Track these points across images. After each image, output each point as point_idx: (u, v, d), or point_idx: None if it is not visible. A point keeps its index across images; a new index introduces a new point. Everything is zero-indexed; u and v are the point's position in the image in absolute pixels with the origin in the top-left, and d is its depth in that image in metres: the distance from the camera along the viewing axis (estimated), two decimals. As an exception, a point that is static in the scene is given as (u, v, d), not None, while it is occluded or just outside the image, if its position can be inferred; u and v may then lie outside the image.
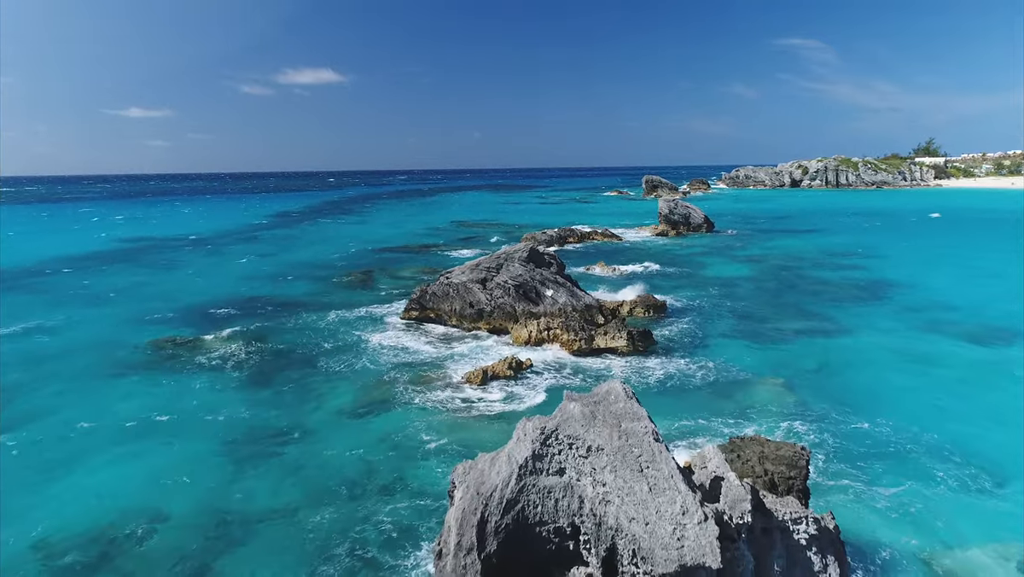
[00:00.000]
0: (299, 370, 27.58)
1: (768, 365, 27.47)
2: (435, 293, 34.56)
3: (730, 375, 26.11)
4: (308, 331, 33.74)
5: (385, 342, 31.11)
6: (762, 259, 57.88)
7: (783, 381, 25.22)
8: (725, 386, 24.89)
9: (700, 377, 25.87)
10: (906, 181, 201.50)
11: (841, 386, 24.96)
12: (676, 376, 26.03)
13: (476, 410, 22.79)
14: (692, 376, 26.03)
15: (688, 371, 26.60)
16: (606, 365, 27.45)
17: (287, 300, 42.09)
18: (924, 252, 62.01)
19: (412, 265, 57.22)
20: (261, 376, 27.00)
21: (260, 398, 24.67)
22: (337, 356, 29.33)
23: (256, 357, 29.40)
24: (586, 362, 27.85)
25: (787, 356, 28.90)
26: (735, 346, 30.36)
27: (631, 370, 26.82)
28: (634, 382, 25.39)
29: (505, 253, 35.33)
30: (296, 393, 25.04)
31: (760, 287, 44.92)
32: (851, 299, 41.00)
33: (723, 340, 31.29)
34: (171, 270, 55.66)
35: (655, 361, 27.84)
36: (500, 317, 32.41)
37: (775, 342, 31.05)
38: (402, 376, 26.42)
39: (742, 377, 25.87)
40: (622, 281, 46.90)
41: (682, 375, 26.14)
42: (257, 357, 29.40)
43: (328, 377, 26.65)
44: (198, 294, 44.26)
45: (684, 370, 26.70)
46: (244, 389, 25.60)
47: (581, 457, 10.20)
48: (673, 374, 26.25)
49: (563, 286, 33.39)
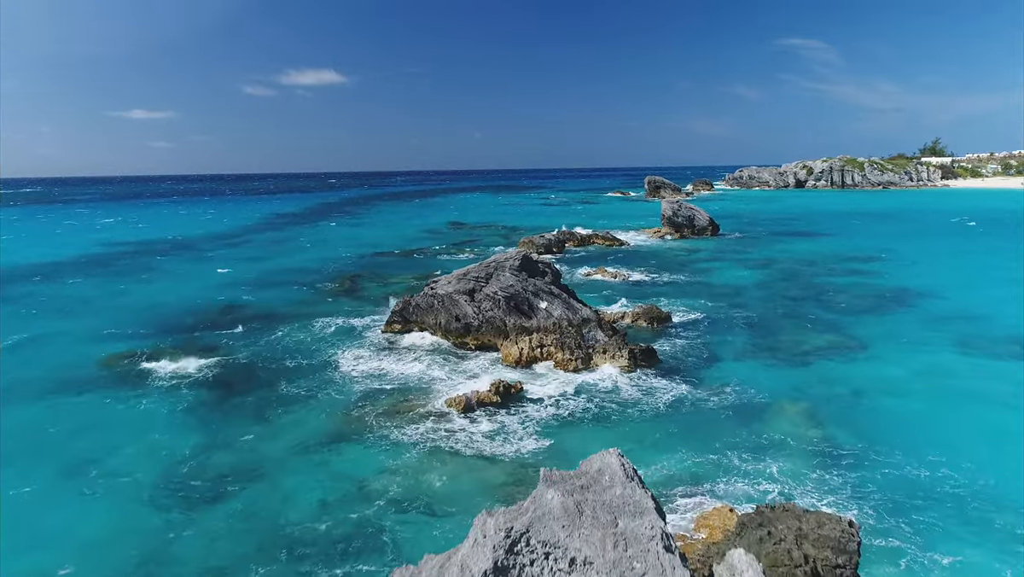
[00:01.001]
0: (262, 394, 24.65)
1: (787, 388, 24.48)
2: (419, 305, 31.63)
3: (745, 400, 23.13)
4: (279, 347, 30.83)
5: (361, 361, 28.17)
6: (771, 264, 54.85)
7: (805, 408, 22.23)
8: (740, 414, 21.91)
9: (711, 403, 22.89)
10: (913, 181, 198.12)
11: (872, 415, 21.97)
12: (684, 402, 23.06)
13: (455, 448, 19.84)
14: (702, 401, 23.05)
15: (697, 395, 23.61)
16: (605, 388, 24.45)
17: (264, 310, 39.19)
18: (942, 255, 58.91)
19: (402, 270, 54.33)
20: (218, 401, 24.08)
21: (213, 428, 21.76)
22: (307, 377, 26.40)
23: (216, 378, 26.48)
24: (583, 384, 24.87)
25: (807, 377, 25.91)
26: (748, 364, 27.38)
27: (633, 394, 23.84)
28: (636, 409, 22.43)
29: (495, 261, 32.38)
30: (255, 423, 22.12)
31: (771, 295, 41.91)
32: (870, 309, 37.98)
33: (735, 357, 28.30)
34: (149, 277, 52.81)
35: (660, 383, 24.85)
36: (489, 332, 29.46)
37: (792, 360, 28.06)
38: (375, 403, 23.48)
39: (759, 403, 22.88)
40: (623, 288, 43.93)
41: (691, 400, 23.16)
42: (217, 378, 26.49)
43: (293, 403, 23.72)
44: (170, 304, 41.38)
45: (693, 394, 23.72)
46: (196, 417, 22.68)
47: (562, 573, 7.25)
48: (680, 399, 23.27)
49: (558, 297, 30.44)
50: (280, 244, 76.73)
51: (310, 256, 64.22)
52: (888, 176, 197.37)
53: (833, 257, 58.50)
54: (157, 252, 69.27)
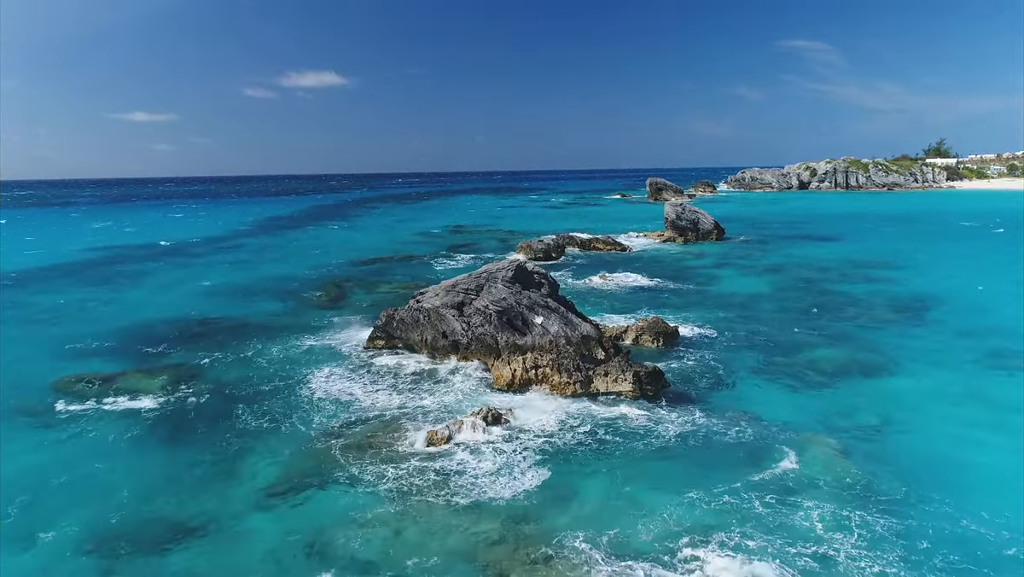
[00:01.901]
0: (222, 425, 22.05)
1: (812, 417, 21.86)
2: (403, 320, 29.05)
3: (764, 432, 20.51)
4: (250, 366, 28.25)
5: (337, 383, 25.56)
6: (781, 270, 52.24)
7: (836, 445, 19.59)
8: (759, 449, 19.29)
9: (726, 436, 20.26)
10: (918, 183, 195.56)
11: (909, 450, 19.36)
12: (695, 434, 20.43)
13: (435, 492, 17.23)
14: (715, 434, 20.42)
15: (710, 426, 20.98)
16: (606, 417, 21.83)
17: (241, 322, 36.63)
18: (959, 260, 56.29)
19: (394, 277, 51.80)
20: (172, 434, 21.48)
21: (160, 468, 19.19)
22: (274, 404, 23.80)
23: (175, 406, 23.89)
24: (582, 412, 22.27)
25: (831, 402, 23.29)
26: (765, 388, 24.77)
27: (637, 424, 21.22)
28: (641, 442, 19.82)
29: (487, 272, 29.78)
30: (209, 461, 19.53)
31: (784, 306, 39.30)
32: (890, 321, 35.37)
33: (750, 379, 25.68)
34: (127, 286, 50.25)
35: (668, 411, 22.23)
36: (479, 350, 26.86)
37: (813, 382, 25.44)
38: (347, 435, 20.88)
39: (780, 435, 20.27)
40: (626, 297, 41.35)
41: (703, 432, 20.53)
42: (176, 406, 23.89)
43: (254, 437, 21.12)
44: (143, 316, 38.84)
45: (705, 424, 21.09)
46: (144, 454, 20.10)
47: None
48: (691, 431, 20.64)
49: (555, 312, 27.84)
50: (270, 249, 74.25)
51: (299, 262, 61.70)
52: (893, 177, 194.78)
53: (845, 263, 55.88)
54: (141, 258, 66.76)
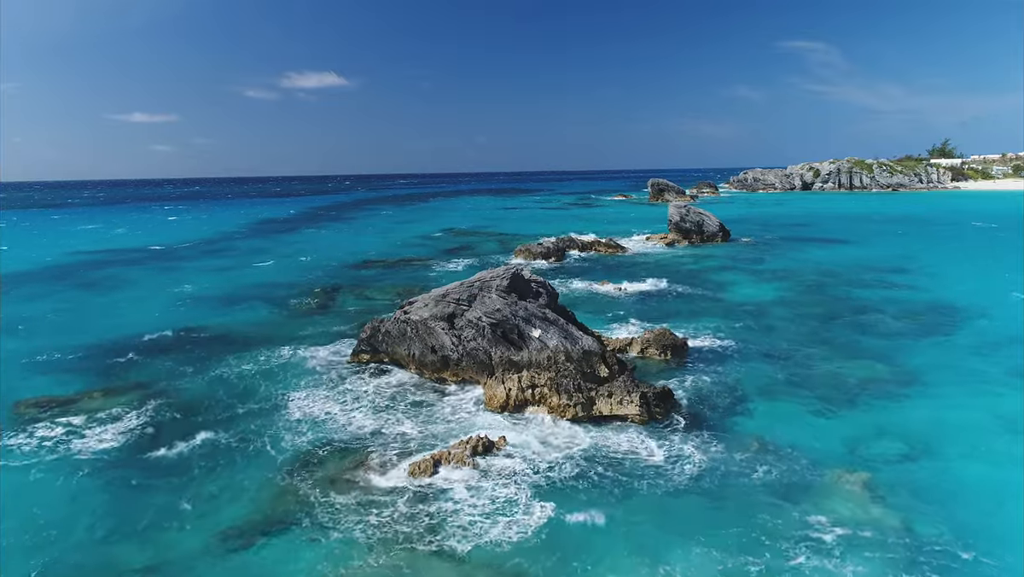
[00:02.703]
0: (186, 457, 19.86)
1: (837, 446, 19.66)
2: (389, 332, 26.87)
3: (789, 466, 18.31)
4: (224, 384, 26.07)
5: (315, 403, 23.38)
6: (791, 276, 50.00)
7: (867, 478, 17.40)
8: (785, 487, 17.10)
9: (746, 471, 18.07)
10: (923, 184, 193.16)
11: (953, 487, 17.16)
12: (711, 469, 18.22)
13: (415, 539, 15.04)
14: (734, 469, 18.22)
15: (727, 459, 18.78)
16: (610, 447, 19.63)
17: (220, 333, 34.46)
18: (975, 264, 54.01)
19: (387, 283, 49.60)
20: (131, 467, 19.30)
21: (116, 507, 17.02)
22: (246, 429, 21.63)
23: (136, 433, 21.69)
24: (584, 440, 20.08)
25: (859, 428, 21.07)
26: (786, 411, 22.55)
27: (645, 455, 19.04)
28: (650, 479, 17.64)
29: (480, 280, 27.59)
30: (169, 500, 17.33)
31: (797, 314, 37.08)
32: (911, 331, 33.16)
33: (768, 401, 23.46)
34: (104, 292, 48.10)
35: (679, 440, 20.03)
36: (470, 367, 24.67)
37: (837, 404, 23.22)
38: (323, 466, 18.70)
39: (806, 470, 18.06)
40: (629, 304, 39.15)
41: (720, 466, 18.33)
42: (138, 433, 21.70)
43: (221, 470, 18.93)
44: (115, 326, 36.66)
45: (721, 457, 18.89)
46: (97, 491, 17.92)
47: None
48: (706, 465, 18.42)
49: (554, 324, 25.65)
50: (261, 252, 72.03)
51: (289, 266, 59.53)
52: (898, 178, 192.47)
53: (856, 267, 53.65)
54: (125, 262, 64.56)
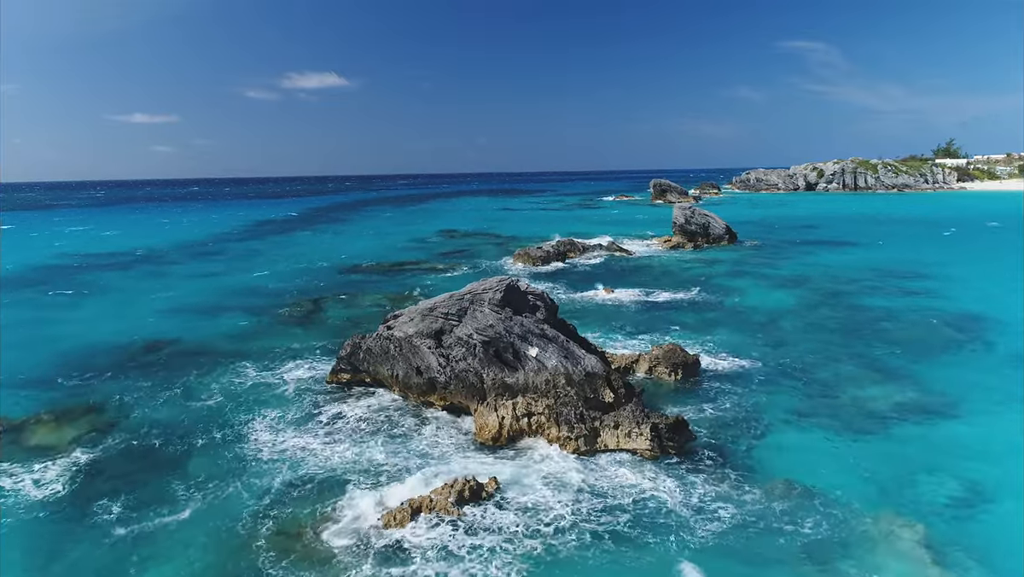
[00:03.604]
0: (131, 499, 17.27)
1: (881, 490, 17.07)
2: (371, 350, 24.31)
3: (826, 514, 15.72)
4: (187, 409, 23.52)
5: (285, 433, 20.81)
6: (803, 282, 47.42)
7: (922, 538, 14.79)
8: (825, 545, 14.51)
9: (778, 521, 15.48)
10: (928, 184, 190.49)
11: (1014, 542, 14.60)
12: (738, 519, 15.61)
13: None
14: (764, 518, 15.61)
15: (754, 505, 16.18)
16: (618, 491, 17.05)
17: (193, 347, 31.93)
18: (996, 269, 51.40)
19: (378, 290, 47.08)
20: (69, 513, 16.73)
21: (42, 562, 14.49)
22: (204, 463, 19.07)
23: (83, 469, 19.11)
24: (587, 480, 17.51)
25: (901, 467, 18.44)
26: (814, 444, 19.97)
27: (659, 503, 16.46)
28: (665, 535, 15.06)
29: (471, 292, 25.02)
30: (104, 556, 14.80)
31: (814, 325, 34.50)
32: (940, 346, 30.61)
33: (793, 430, 20.89)
34: (77, 301, 45.58)
35: (698, 482, 17.43)
36: (460, 391, 22.10)
37: (871, 433, 20.64)
38: (283, 513, 16.14)
39: (847, 520, 15.46)
40: (634, 314, 36.60)
41: (746, 515, 15.72)
42: (84, 469, 19.12)
43: (168, 517, 16.34)
44: (82, 339, 34.14)
45: (748, 503, 16.29)
46: (24, 544, 15.38)
47: None
48: (732, 514, 15.80)
49: (553, 341, 23.09)
50: (250, 256, 69.53)
51: (278, 271, 57.00)
52: (903, 178, 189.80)
53: (872, 272, 51.06)
54: (106, 267, 62.02)
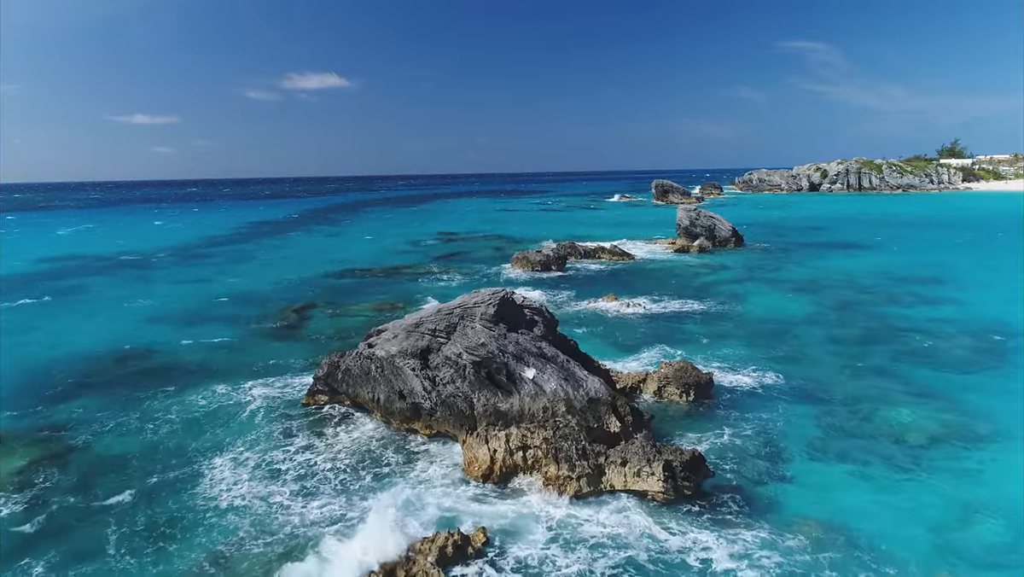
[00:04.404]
0: (60, 558, 15.02)
1: (926, 538, 14.75)
2: (350, 370, 22.01)
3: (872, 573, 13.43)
4: (142, 439, 21.19)
5: (247, 470, 18.49)
6: (817, 288, 45.09)
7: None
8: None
9: (812, 581, 13.19)
10: (933, 184, 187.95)
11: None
12: None
13: None
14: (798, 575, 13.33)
15: (787, 561, 13.87)
16: (626, 544, 14.72)
17: (165, 363, 29.67)
18: (1017, 273, 49.05)
19: (369, 296, 44.80)
20: (-19, 566, 14.49)
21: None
22: (151, 516, 16.74)
23: (19, 509, 16.85)
24: (592, 532, 15.19)
25: (945, 510, 16.13)
26: (848, 484, 17.61)
27: (679, 557, 14.16)
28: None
29: (462, 306, 22.70)
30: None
31: (833, 338, 32.18)
32: (969, 361, 28.28)
33: (823, 467, 18.52)
34: (54, 308, 43.30)
35: (724, 534, 15.09)
36: (447, 419, 19.81)
37: (908, 471, 18.28)
38: None
39: (894, 580, 13.19)
40: (640, 325, 34.28)
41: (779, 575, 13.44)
42: (19, 509, 16.85)
43: None
44: (50, 351, 31.89)
45: (779, 559, 13.98)
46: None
47: None
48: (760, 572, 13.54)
49: (552, 361, 20.79)
50: (241, 260, 67.28)
51: (267, 276, 54.68)
52: (908, 179, 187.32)
53: (887, 277, 48.73)
54: (90, 271, 59.73)
